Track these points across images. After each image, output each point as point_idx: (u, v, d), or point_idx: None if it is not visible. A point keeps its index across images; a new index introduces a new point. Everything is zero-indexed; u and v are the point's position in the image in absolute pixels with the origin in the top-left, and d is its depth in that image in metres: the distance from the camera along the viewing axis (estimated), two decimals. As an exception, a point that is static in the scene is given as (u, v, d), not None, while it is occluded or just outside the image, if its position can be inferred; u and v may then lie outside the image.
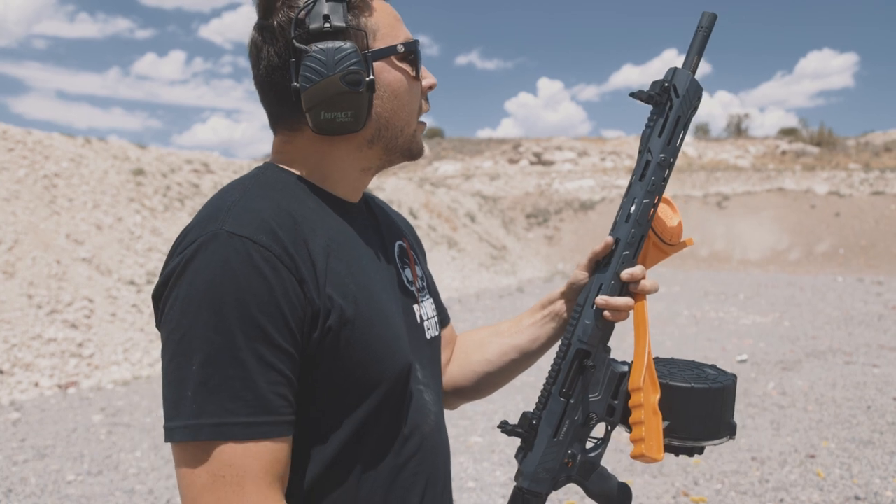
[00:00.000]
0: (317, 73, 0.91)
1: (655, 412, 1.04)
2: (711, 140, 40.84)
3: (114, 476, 4.33)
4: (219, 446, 0.82)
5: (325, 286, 0.89)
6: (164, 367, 0.85)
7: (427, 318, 1.12)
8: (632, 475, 4.21)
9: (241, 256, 0.84)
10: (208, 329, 0.82)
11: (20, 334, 6.80)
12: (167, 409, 0.84)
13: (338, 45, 0.91)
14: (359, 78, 0.92)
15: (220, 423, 0.82)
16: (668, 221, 1.11)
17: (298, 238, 0.89)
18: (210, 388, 0.82)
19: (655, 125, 1.06)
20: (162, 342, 0.87)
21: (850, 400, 5.89)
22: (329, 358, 0.89)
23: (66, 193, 9.86)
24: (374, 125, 0.98)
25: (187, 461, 0.83)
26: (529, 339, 1.23)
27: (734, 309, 11.49)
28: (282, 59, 0.94)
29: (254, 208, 0.89)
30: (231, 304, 0.82)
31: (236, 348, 0.83)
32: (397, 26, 1.01)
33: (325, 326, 0.88)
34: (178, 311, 0.84)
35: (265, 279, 0.84)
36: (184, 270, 0.85)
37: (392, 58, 0.98)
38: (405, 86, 1.00)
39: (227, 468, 0.82)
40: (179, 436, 0.82)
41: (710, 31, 1.08)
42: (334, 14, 0.92)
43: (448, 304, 12.09)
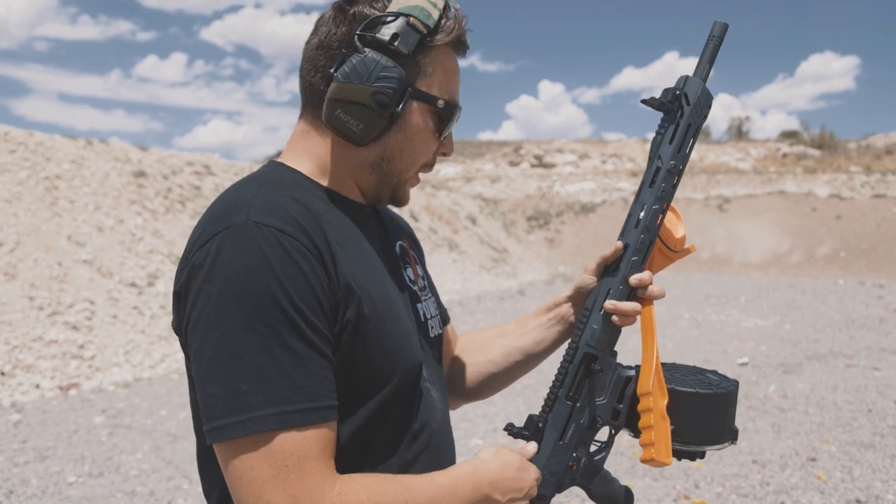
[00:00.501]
0: (356, 74, 0.91)
1: (664, 417, 1.04)
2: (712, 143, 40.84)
3: (115, 478, 4.33)
4: (279, 436, 0.81)
5: (342, 279, 0.89)
6: (205, 365, 0.83)
7: (430, 316, 1.13)
8: (633, 478, 4.21)
9: (274, 246, 0.84)
10: (253, 319, 0.81)
11: (21, 336, 6.80)
12: (214, 408, 0.82)
13: (388, 63, 0.92)
14: (387, 102, 0.92)
15: (281, 413, 0.81)
16: (674, 230, 1.12)
17: (318, 230, 0.89)
18: (266, 379, 0.81)
19: (666, 132, 1.07)
20: (194, 340, 0.84)
21: (852, 403, 5.89)
22: (345, 352, 0.90)
23: (67, 195, 9.87)
24: (379, 152, 0.98)
25: (245, 457, 0.81)
26: (534, 341, 1.24)
27: (735, 312, 11.48)
28: (336, 44, 0.95)
29: (274, 201, 0.89)
30: (273, 292, 0.82)
31: (285, 336, 0.82)
32: (452, 83, 1.01)
33: (343, 319, 0.89)
34: (216, 305, 0.82)
35: (300, 268, 0.84)
36: (215, 262, 0.83)
37: (428, 105, 0.98)
38: (423, 136, 1.00)
39: (289, 457, 0.81)
40: (238, 430, 0.80)
41: (721, 40, 1.09)
42: (404, 39, 0.93)
43: (449, 306, 12.08)
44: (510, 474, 0.98)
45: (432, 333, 1.11)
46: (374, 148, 0.98)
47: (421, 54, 0.95)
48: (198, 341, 0.84)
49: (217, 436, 0.82)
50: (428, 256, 16.23)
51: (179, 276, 0.88)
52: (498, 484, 0.97)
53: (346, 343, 0.89)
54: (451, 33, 0.97)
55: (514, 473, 0.99)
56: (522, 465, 1.01)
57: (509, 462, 1.00)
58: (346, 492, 0.83)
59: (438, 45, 0.96)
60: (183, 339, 0.89)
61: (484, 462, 0.98)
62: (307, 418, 0.82)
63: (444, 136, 1.03)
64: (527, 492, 1.01)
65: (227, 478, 0.83)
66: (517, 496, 0.99)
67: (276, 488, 0.80)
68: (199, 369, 0.84)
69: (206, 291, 0.83)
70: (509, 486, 0.98)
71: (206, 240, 0.86)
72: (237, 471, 0.81)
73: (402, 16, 0.93)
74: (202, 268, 0.84)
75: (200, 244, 0.86)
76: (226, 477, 0.84)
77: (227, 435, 0.81)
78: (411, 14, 0.93)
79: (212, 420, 0.82)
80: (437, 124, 1.00)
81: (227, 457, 0.82)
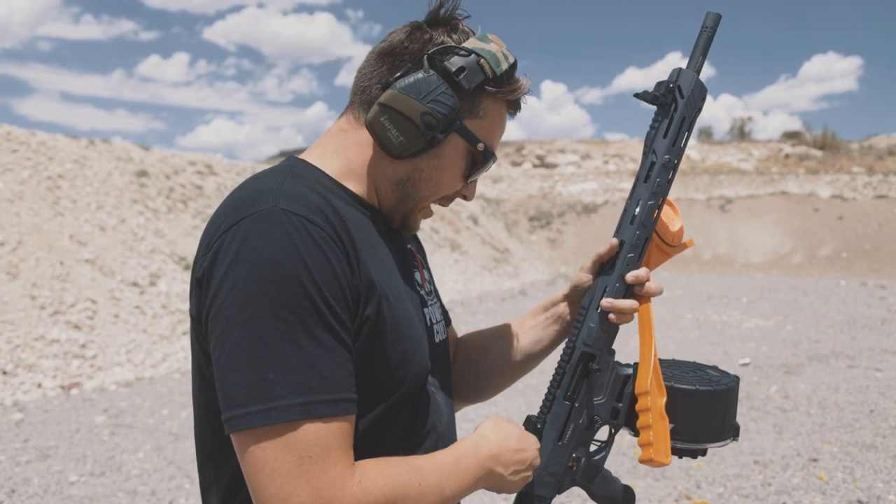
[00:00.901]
0: (414, 89, 0.92)
1: (662, 416, 1.03)
2: (714, 143, 40.79)
3: (116, 477, 4.33)
4: (304, 426, 0.80)
5: (364, 275, 0.89)
6: (228, 352, 0.81)
7: (436, 321, 1.12)
8: (634, 478, 4.21)
9: (302, 234, 0.83)
10: (280, 307, 0.80)
11: (23, 335, 6.81)
12: (237, 396, 0.80)
13: (446, 91, 0.93)
14: (433, 125, 0.93)
15: (307, 403, 0.80)
16: (670, 224, 1.11)
17: (342, 224, 0.89)
18: (292, 367, 0.80)
19: (660, 126, 1.05)
20: (217, 326, 0.83)
21: (853, 404, 5.88)
22: (362, 349, 0.89)
23: (69, 195, 9.88)
24: (408, 172, 0.99)
25: (267, 447, 0.80)
26: (532, 341, 1.23)
27: (737, 312, 11.47)
28: (405, 56, 0.96)
29: (301, 192, 0.89)
30: (301, 280, 0.81)
31: (311, 326, 0.81)
32: (495, 135, 1.03)
33: (363, 315, 0.89)
34: (242, 291, 0.81)
35: (327, 258, 0.84)
36: (241, 247, 0.82)
37: (468, 145, 0.99)
38: (454, 172, 1.01)
39: (313, 448, 0.80)
40: (263, 419, 0.79)
41: (714, 31, 1.07)
42: (469, 75, 0.95)
43: (450, 306, 12.08)
44: (511, 445, 0.99)
45: (437, 339, 1.11)
46: (405, 165, 0.98)
47: (479, 96, 0.97)
48: (221, 327, 0.82)
49: (238, 424, 0.80)
50: (430, 256, 16.26)
51: (202, 262, 0.87)
52: (500, 457, 0.97)
53: (364, 340, 0.89)
54: (513, 91, 1.00)
55: (515, 444, 1.00)
56: (522, 435, 1.02)
57: (509, 433, 1.00)
58: (365, 479, 0.83)
59: (497, 96, 0.98)
60: (202, 326, 0.88)
61: (484, 437, 0.98)
62: (332, 409, 0.82)
63: (471, 181, 1.04)
64: (530, 462, 1.01)
65: (246, 469, 0.82)
66: (520, 468, 1.00)
67: (299, 479, 0.79)
68: (220, 356, 0.82)
69: (232, 277, 0.82)
70: (511, 458, 0.98)
71: (230, 224, 0.85)
72: (258, 461, 0.80)
73: (475, 54, 0.96)
74: (228, 253, 0.83)
75: (225, 229, 0.85)
76: (245, 468, 0.82)
77: (250, 423, 0.80)
78: (483, 56, 0.96)
79: (233, 408, 0.81)
80: (470, 165, 1.01)
81: (248, 447, 0.81)
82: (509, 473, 0.98)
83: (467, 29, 1.00)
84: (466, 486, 0.94)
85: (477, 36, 0.99)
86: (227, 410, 0.82)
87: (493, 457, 0.97)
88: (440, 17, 0.99)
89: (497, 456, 0.97)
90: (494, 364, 1.25)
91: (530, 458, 1.01)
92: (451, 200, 1.07)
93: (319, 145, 1.04)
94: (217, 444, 0.94)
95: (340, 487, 0.80)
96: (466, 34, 0.99)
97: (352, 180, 1.00)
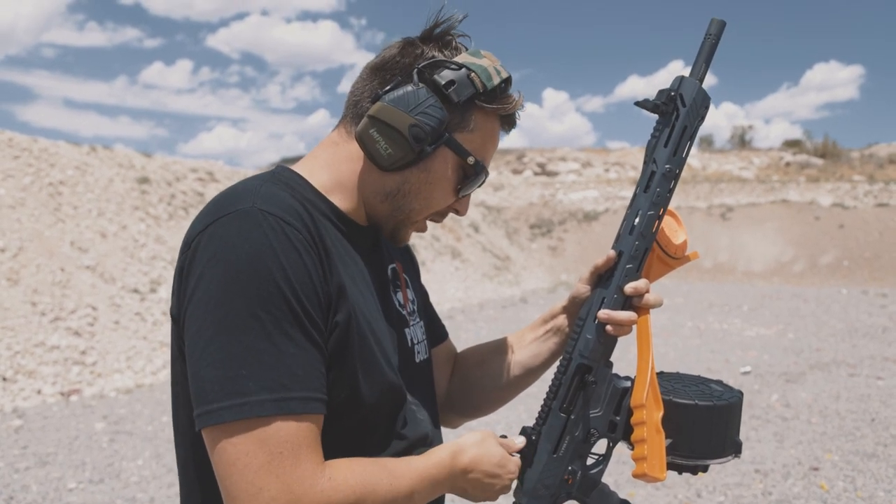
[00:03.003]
0: (402, 102, 0.93)
1: (658, 430, 1.01)
2: (715, 151, 40.83)
3: (115, 484, 4.32)
4: (276, 422, 0.80)
5: (335, 280, 0.90)
6: (203, 347, 0.82)
7: (417, 341, 1.12)
8: (634, 487, 4.20)
9: (279, 234, 0.84)
10: (255, 305, 0.81)
11: (23, 341, 6.81)
12: (209, 392, 0.81)
13: (435, 103, 0.94)
14: (421, 137, 0.94)
15: (279, 399, 0.81)
16: (673, 238, 1.09)
17: (316, 230, 0.90)
18: (266, 365, 0.80)
19: (661, 135, 1.03)
20: (193, 322, 0.84)
21: (854, 412, 5.86)
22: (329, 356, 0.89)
23: (70, 201, 9.89)
24: (398, 184, 0.99)
25: (239, 442, 0.80)
26: (531, 354, 1.22)
27: (738, 321, 11.45)
28: (395, 70, 0.97)
29: (278, 195, 0.90)
30: (276, 279, 0.82)
31: (285, 325, 0.82)
32: (487, 149, 1.02)
33: (333, 321, 0.89)
34: (219, 288, 0.82)
35: (302, 259, 0.85)
36: (220, 245, 0.83)
37: (458, 158, 0.99)
38: (444, 185, 1.01)
39: (284, 444, 0.80)
40: (235, 414, 0.79)
41: (718, 38, 1.05)
42: (459, 88, 0.95)
43: (451, 314, 12.07)
44: (486, 468, 0.98)
45: (418, 359, 1.11)
46: (394, 178, 0.98)
47: (470, 110, 0.98)
48: (197, 324, 0.83)
49: (210, 419, 0.81)
50: (430, 264, 16.27)
51: (183, 259, 0.88)
52: (471, 475, 0.97)
53: (332, 347, 0.89)
54: (505, 106, 1.00)
55: (491, 468, 0.99)
56: (503, 460, 1.01)
57: (491, 454, 0.99)
58: (335, 477, 0.84)
59: (488, 110, 0.99)
60: (179, 324, 0.88)
61: (463, 450, 0.98)
62: (303, 407, 0.82)
63: (463, 195, 1.04)
64: (498, 490, 1.01)
65: (216, 465, 0.82)
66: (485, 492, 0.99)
67: (269, 475, 0.79)
68: (194, 353, 0.83)
69: (209, 276, 0.83)
70: (480, 479, 0.98)
71: (208, 223, 0.86)
72: (229, 457, 0.80)
73: (466, 68, 0.96)
74: (206, 252, 0.84)
75: (202, 227, 0.86)
76: (215, 464, 0.82)
77: (222, 418, 0.80)
78: (474, 70, 0.96)
79: (205, 403, 0.81)
80: (460, 179, 1.01)
81: (219, 442, 0.81)
82: (472, 489, 0.99)
83: (460, 45, 1.01)
84: (436, 493, 0.95)
85: (469, 51, 1.00)
86: (199, 406, 0.82)
87: (463, 472, 0.97)
88: (434, 35, 1.00)
89: (467, 472, 0.97)
90: (494, 379, 1.24)
91: (500, 485, 1.00)
92: (444, 216, 1.06)
93: (311, 157, 1.04)
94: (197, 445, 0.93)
95: (311, 484, 0.81)
96: (459, 50, 1.00)
97: (339, 194, 1.01)
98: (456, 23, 1.00)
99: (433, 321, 1.26)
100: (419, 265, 1.30)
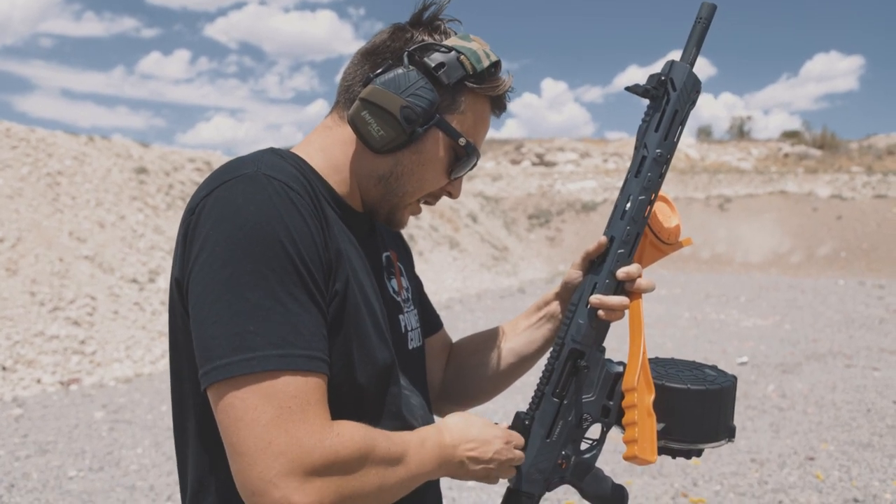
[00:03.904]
0: (393, 84, 0.94)
1: (649, 413, 1.02)
2: (714, 142, 40.78)
3: (115, 472, 4.34)
4: (283, 377, 0.81)
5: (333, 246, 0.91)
6: (209, 306, 0.82)
7: (411, 328, 1.12)
8: (631, 476, 4.22)
9: (283, 197, 0.86)
10: (262, 265, 0.82)
11: (23, 331, 6.82)
12: (216, 348, 0.81)
13: (425, 85, 0.95)
14: (412, 118, 0.95)
15: (286, 355, 0.81)
16: (665, 222, 1.09)
17: (317, 199, 0.92)
18: (272, 322, 0.81)
19: (651, 120, 1.03)
20: (198, 283, 0.84)
21: (850, 403, 5.89)
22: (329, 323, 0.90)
23: (68, 191, 9.88)
24: (391, 166, 1.00)
25: (246, 397, 0.80)
26: (525, 342, 1.22)
27: (735, 311, 11.48)
28: (386, 54, 0.99)
29: (280, 164, 0.91)
30: (282, 241, 0.83)
31: (290, 285, 0.83)
32: (478, 131, 1.04)
33: (333, 288, 0.90)
34: (225, 249, 0.82)
35: (306, 222, 0.86)
36: (225, 208, 0.84)
37: (450, 140, 1.00)
38: (436, 167, 1.02)
39: (292, 399, 0.81)
40: (243, 368, 0.80)
41: (709, 22, 1.04)
42: (449, 70, 0.97)
43: (449, 304, 12.08)
44: (472, 435, 1.00)
45: (411, 346, 1.11)
46: (387, 160, 0.99)
47: (460, 92, 0.99)
48: (202, 284, 0.83)
49: (218, 374, 0.81)
50: (428, 254, 16.26)
51: (186, 223, 0.88)
52: (459, 445, 0.98)
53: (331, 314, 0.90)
54: (495, 87, 1.01)
55: (477, 434, 1.00)
56: (485, 427, 1.02)
57: (471, 424, 1.01)
58: (343, 433, 0.84)
59: (478, 92, 1.00)
60: (182, 288, 0.88)
61: (447, 426, 1.00)
62: (309, 364, 0.83)
63: (455, 177, 1.05)
64: (492, 455, 1.01)
65: (223, 421, 0.82)
66: (482, 457, 1.00)
67: (278, 429, 0.79)
68: (200, 312, 0.83)
69: (215, 237, 0.83)
70: (470, 447, 0.99)
71: (213, 188, 0.87)
72: (237, 412, 0.80)
73: (455, 51, 0.98)
74: (211, 214, 0.85)
75: (207, 192, 0.87)
76: (221, 421, 0.82)
77: (230, 372, 0.80)
78: (463, 52, 0.98)
79: (212, 360, 0.81)
80: (452, 161, 1.02)
81: (226, 397, 0.81)
82: (471, 463, 0.99)
83: (450, 30, 1.02)
84: (429, 466, 0.95)
85: (459, 35, 1.01)
86: (205, 364, 0.82)
87: (453, 445, 0.98)
88: (423, 20, 1.01)
89: (457, 445, 0.98)
90: (489, 367, 1.25)
91: (493, 450, 1.01)
92: (437, 198, 1.07)
93: (306, 142, 1.05)
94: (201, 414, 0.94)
95: (319, 438, 0.81)
96: (448, 34, 1.01)
97: (334, 178, 1.02)
98: (443, 6, 1.01)
99: (427, 311, 1.26)
100: (416, 255, 1.30)
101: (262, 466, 0.78)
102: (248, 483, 0.80)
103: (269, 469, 0.78)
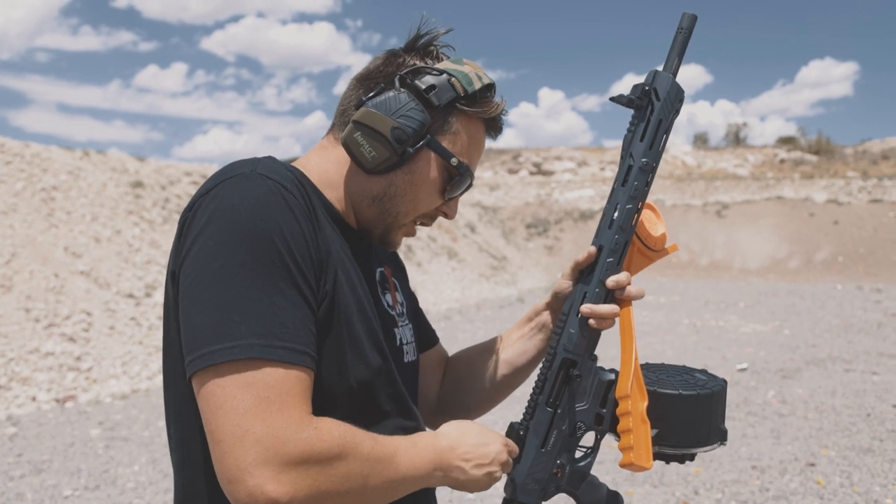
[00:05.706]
0: (384, 106, 0.97)
1: (643, 419, 1.03)
2: (710, 149, 40.94)
3: (111, 490, 4.30)
4: (264, 367, 0.82)
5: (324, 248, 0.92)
6: (197, 296, 0.84)
7: (406, 342, 1.13)
8: (632, 485, 4.20)
9: (277, 196, 0.88)
10: (251, 259, 0.84)
11: (17, 348, 6.78)
12: (201, 337, 0.82)
13: (415, 106, 0.98)
14: (403, 139, 0.97)
15: (268, 345, 0.82)
16: (652, 230, 1.10)
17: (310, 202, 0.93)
18: (258, 313, 0.83)
19: (637, 129, 1.05)
20: (189, 274, 0.86)
21: (850, 408, 5.87)
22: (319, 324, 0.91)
23: (64, 206, 9.86)
24: (384, 187, 1.02)
25: (227, 384, 0.81)
26: (518, 352, 1.23)
27: (734, 317, 11.47)
28: (379, 78, 1.02)
29: (276, 167, 0.94)
30: (273, 238, 0.85)
31: (278, 281, 0.85)
32: (472, 153, 1.05)
33: (323, 289, 0.91)
34: (216, 242, 0.85)
35: (298, 222, 0.88)
36: (219, 205, 0.87)
37: (442, 160, 1.02)
38: (429, 187, 1.03)
39: (271, 389, 0.81)
40: (225, 356, 0.81)
41: (690, 32, 1.06)
42: (439, 92, 0.99)
43: (448, 314, 12.07)
44: (470, 439, 1.00)
45: (406, 359, 1.12)
46: (380, 181, 1.01)
47: (451, 114, 1.01)
48: (192, 275, 0.85)
49: (201, 362, 0.82)
50: (427, 265, 16.26)
51: (183, 219, 0.91)
52: (457, 449, 0.98)
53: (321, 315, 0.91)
54: (487, 110, 1.03)
55: (475, 439, 1.00)
56: (482, 431, 1.02)
57: (468, 429, 1.02)
58: (321, 427, 0.84)
59: (471, 114, 1.02)
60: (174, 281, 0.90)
61: (443, 432, 1.00)
62: (291, 357, 0.84)
63: (449, 198, 1.06)
64: (494, 457, 1.01)
65: (204, 411, 0.83)
66: (483, 461, 1.00)
67: (256, 418, 0.80)
68: (188, 302, 0.85)
69: (209, 231, 0.86)
70: (470, 451, 0.99)
71: (211, 186, 0.90)
72: (217, 399, 0.81)
73: (447, 74, 1.00)
74: (206, 210, 0.87)
75: (204, 192, 0.90)
76: (203, 410, 0.83)
77: (212, 360, 0.81)
78: (454, 75, 1.00)
79: (197, 349, 0.83)
80: (446, 181, 1.04)
81: (208, 384, 0.82)
82: (471, 467, 0.98)
83: (443, 55, 1.05)
84: (421, 470, 0.94)
85: (451, 59, 1.04)
86: (190, 353, 0.84)
87: (450, 448, 0.98)
88: (417, 46, 1.04)
89: (454, 448, 0.98)
90: (483, 379, 1.25)
91: (494, 452, 1.01)
92: (433, 219, 1.09)
93: (303, 160, 1.07)
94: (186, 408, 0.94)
95: (296, 430, 0.81)
96: (441, 59, 1.04)
97: (330, 193, 1.04)
98: (439, 35, 1.04)
99: (423, 326, 1.27)
100: (414, 266, 1.30)
101: (238, 454, 0.79)
102: (224, 471, 0.80)
103: (244, 457, 0.79)
